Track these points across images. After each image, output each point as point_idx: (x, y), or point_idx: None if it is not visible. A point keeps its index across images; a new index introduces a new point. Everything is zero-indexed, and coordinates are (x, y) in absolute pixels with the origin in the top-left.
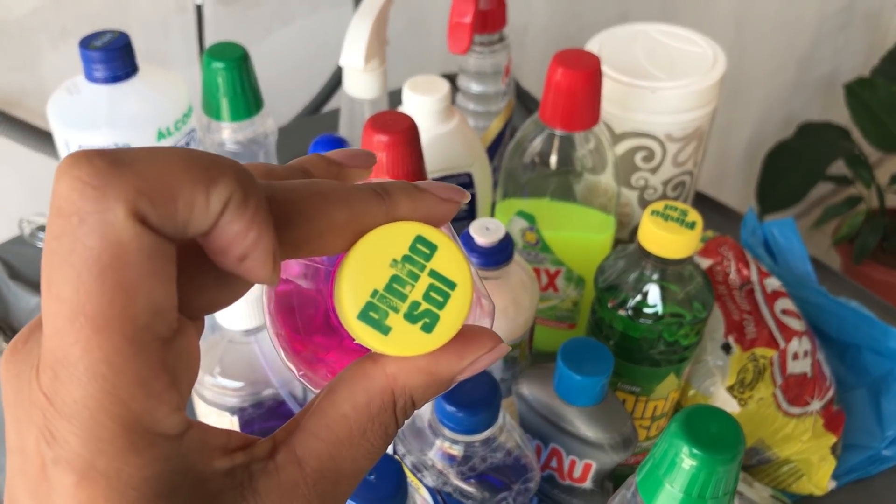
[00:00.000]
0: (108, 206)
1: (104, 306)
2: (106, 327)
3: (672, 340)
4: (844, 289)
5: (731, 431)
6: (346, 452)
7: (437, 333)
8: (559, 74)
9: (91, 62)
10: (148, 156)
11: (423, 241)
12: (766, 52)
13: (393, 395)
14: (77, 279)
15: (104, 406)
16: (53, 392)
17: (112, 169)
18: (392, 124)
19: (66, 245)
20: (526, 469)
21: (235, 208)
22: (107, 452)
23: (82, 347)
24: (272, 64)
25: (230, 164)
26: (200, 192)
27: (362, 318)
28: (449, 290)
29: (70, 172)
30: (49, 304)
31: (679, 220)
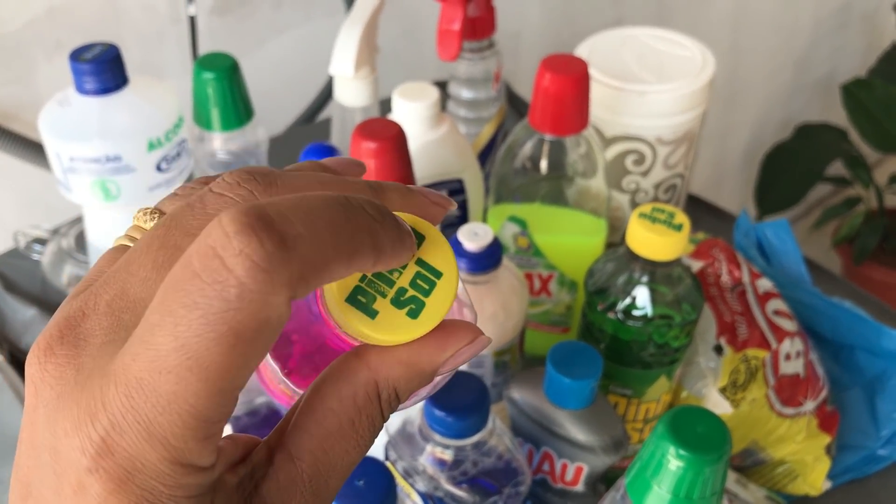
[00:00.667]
0: (274, 291)
1: (223, 369)
2: (213, 383)
3: (662, 342)
4: (840, 290)
5: (717, 432)
6: (337, 445)
7: (423, 319)
8: (547, 79)
9: (81, 74)
10: (308, 229)
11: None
12: (763, 55)
13: (377, 387)
14: (213, 340)
15: (166, 437)
16: (119, 409)
17: (281, 253)
18: (380, 131)
19: (214, 308)
20: (516, 473)
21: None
22: (148, 472)
23: (180, 388)
24: (266, 73)
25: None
26: (344, 269)
27: (350, 301)
28: (435, 279)
29: (239, 247)
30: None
31: (666, 223)
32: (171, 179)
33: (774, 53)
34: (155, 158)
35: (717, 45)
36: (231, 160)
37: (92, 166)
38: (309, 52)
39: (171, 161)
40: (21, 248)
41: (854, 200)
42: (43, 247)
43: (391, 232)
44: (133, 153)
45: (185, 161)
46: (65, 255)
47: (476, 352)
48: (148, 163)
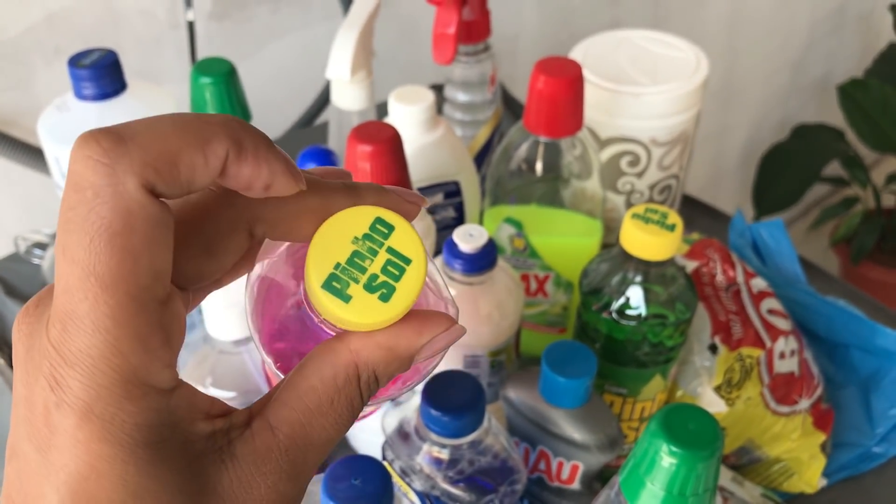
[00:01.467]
0: (118, 179)
1: (112, 268)
2: (112, 286)
3: (656, 342)
4: (835, 289)
5: (709, 428)
6: (315, 421)
7: (394, 303)
8: (541, 82)
9: (80, 80)
10: (147, 128)
11: (382, 222)
12: (760, 56)
13: (357, 369)
14: (90, 244)
15: (105, 356)
16: (61, 342)
17: (118, 146)
18: (375, 135)
19: (80, 214)
20: (512, 471)
21: (235, 158)
22: (104, 398)
23: (90, 303)
24: (264, 78)
25: (220, 120)
26: (198, 154)
27: (326, 287)
28: (404, 265)
29: (81, 152)
30: (63, 267)
31: (660, 223)
32: None
33: (771, 55)
34: None
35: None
36: None
37: None
38: (307, 56)
39: None
40: (21, 253)
41: (851, 200)
42: (43, 251)
43: (253, 135)
44: None
45: None
46: None
47: (452, 340)
48: None
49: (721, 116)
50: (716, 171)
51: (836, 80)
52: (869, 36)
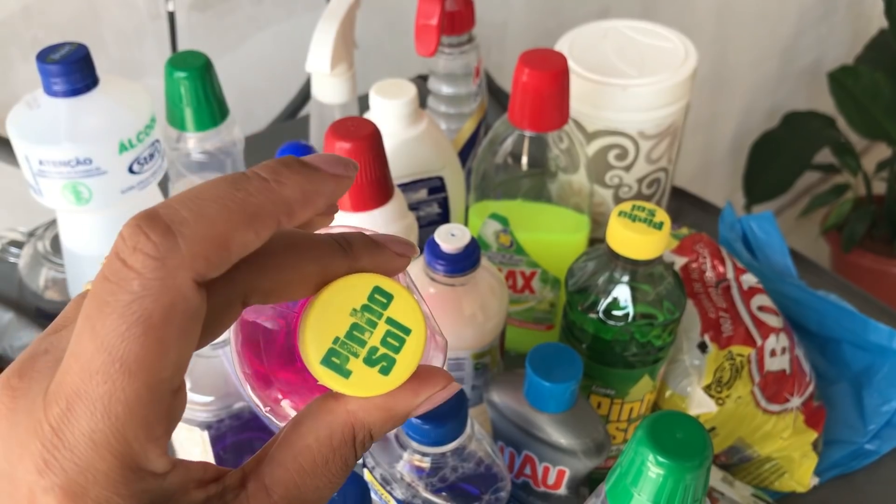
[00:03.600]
0: (168, 274)
1: (141, 358)
2: (136, 375)
3: (644, 341)
4: (826, 282)
5: (697, 437)
6: (309, 481)
7: (394, 376)
8: (525, 75)
9: (49, 76)
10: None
11: (381, 292)
12: (749, 44)
13: (353, 430)
14: (126, 331)
15: (109, 441)
16: (62, 424)
17: (167, 240)
18: (354, 131)
19: (122, 301)
20: (496, 478)
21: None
22: (101, 483)
23: (109, 388)
24: (248, 70)
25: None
26: (249, 233)
27: (325, 363)
28: (404, 336)
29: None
30: (87, 346)
31: (647, 221)
32: (143, 181)
33: (761, 42)
34: (127, 160)
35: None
36: (206, 160)
37: (62, 170)
38: (290, 47)
39: (143, 163)
40: None
41: (842, 188)
42: (19, 250)
43: (294, 179)
44: (104, 155)
45: (157, 162)
46: (41, 258)
47: (448, 396)
48: (120, 165)
49: (711, 105)
50: (706, 160)
51: (827, 67)
52: (860, 22)
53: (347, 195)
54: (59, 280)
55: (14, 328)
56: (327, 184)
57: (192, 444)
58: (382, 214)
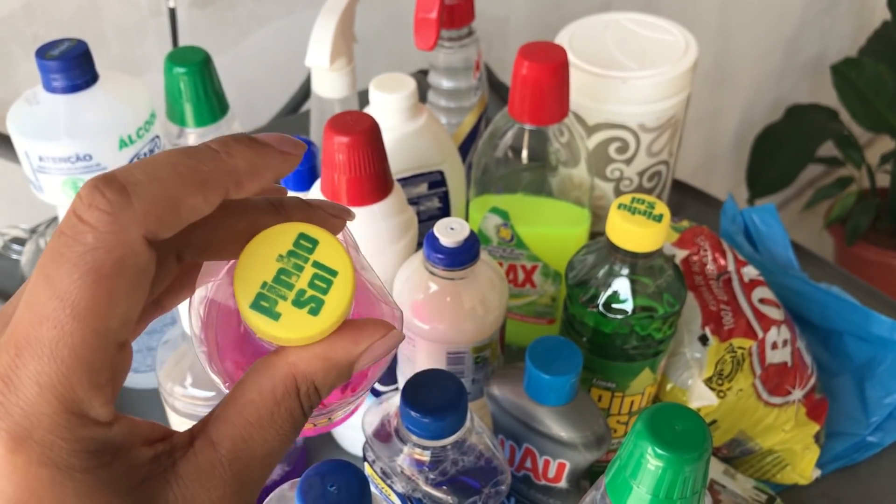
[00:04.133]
0: (121, 228)
1: (91, 305)
2: (84, 321)
3: (645, 334)
4: (829, 274)
5: (696, 429)
6: (256, 434)
7: (324, 316)
8: (525, 68)
9: (48, 72)
10: (148, 178)
11: (306, 238)
12: (752, 37)
13: (295, 381)
14: (79, 279)
15: (53, 385)
16: (10, 368)
17: (121, 198)
18: (353, 125)
19: (76, 252)
20: (496, 471)
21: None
22: (45, 425)
23: (58, 332)
24: (249, 65)
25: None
26: (198, 197)
27: (255, 307)
28: (331, 278)
29: (86, 200)
30: (41, 295)
31: (646, 213)
32: None
33: (764, 35)
34: (126, 156)
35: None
36: None
37: (62, 166)
38: (291, 42)
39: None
40: None
41: (846, 181)
42: (21, 246)
43: (243, 152)
44: (104, 152)
45: None
46: None
47: (390, 346)
48: (119, 161)
49: (714, 98)
50: (709, 154)
51: (830, 59)
52: (863, 14)
53: (346, 189)
54: None
55: None
56: (274, 159)
57: None
58: (381, 209)
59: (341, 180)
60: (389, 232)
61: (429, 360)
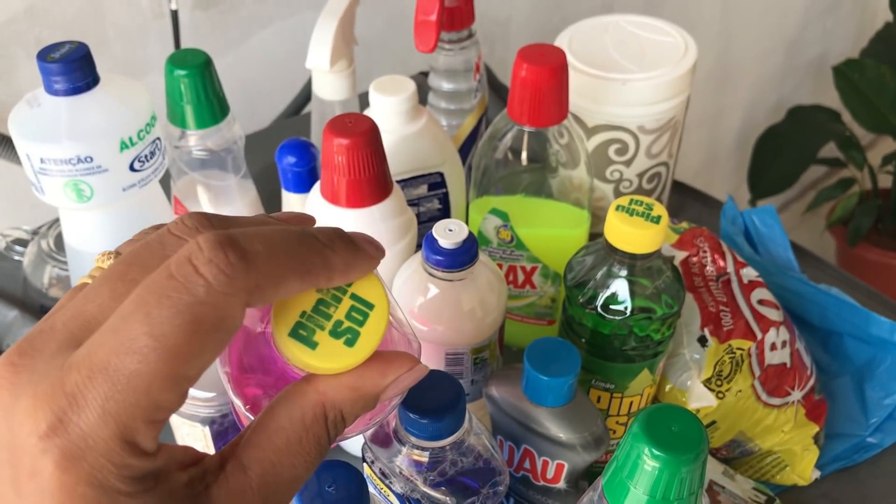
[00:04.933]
0: (231, 293)
1: (182, 352)
2: (170, 364)
3: (643, 335)
4: (829, 276)
5: (693, 430)
6: (285, 459)
7: (359, 347)
8: (524, 70)
9: (49, 74)
10: (268, 249)
11: None
12: (754, 37)
13: (324, 409)
14: (180, 326)
15: (118, 413)
16: (79, 388)
17: (241, 263)
18: (352, 127)
19: (184, 301)
20: (495, 472)
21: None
22: (98, 449)
23: (142, 367)
24: (251, 67)
25: (320, 252)
26: (298, 283)
27: (293, 335)
28: (368, 311)
29: (209, 257)
30: (134, 326)
31: (644, 215)
32: (144, 179)
33: (766, 35)
34: (128, 158)
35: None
36: (207, 157)
37: (63, 168)
38: (294, 44)
39: (144, 160)
40: (1, 250)
41: (848, 182)
42: (24, 248)
43: (343, 251)
44: (105, 154)
45: (158, 160)
46: (45, 256)
47: (416, 379)
48: (121, 163)
49: (715, 99)
50: (711, 155)
51: (832, 60)
52: (865, 15)
53: (345, 191)
54: (63, 278)
55: (18, 326)
56: (363, 261)
57: (194, 440)
58: (381, 210)
59: (341, 182)
60: (389, 233)
61: (427, 361)
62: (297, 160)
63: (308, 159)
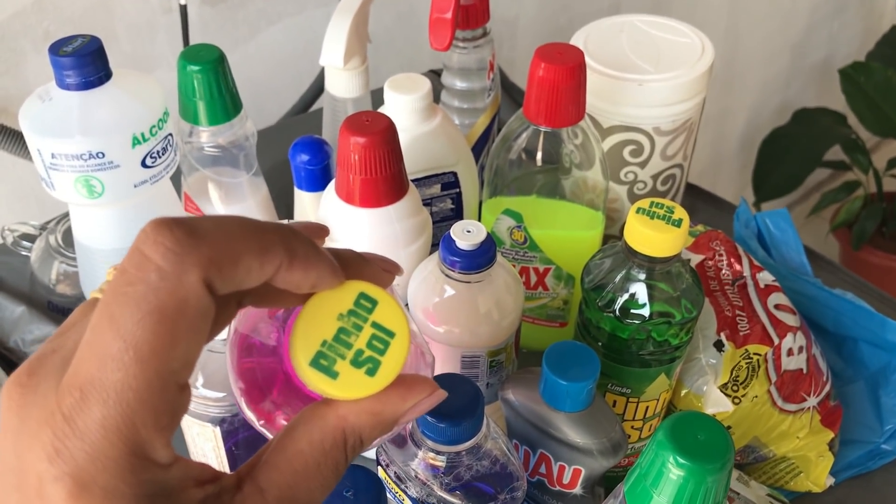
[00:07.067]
0: (185, 269)
1: (154, 347)
2: (147, 364)
3: (661, 340)
4: (841, 279)
5: (719, 439)
6: (302, 483)
7: (380, 376)
8: (542, 69)
9: (61, 68)
10: (216, 227)
11: (366, 297)
12: (760, 39)
13: (344, 434)
14: (141, 320)
15: (119, 428)
16: (75, 411)
17: (190, 239)
18: (369, 125)
19: (139, 291)
20: (512, 478)
21: (288, 267)
22: (109, 469)
23: (123, 374)
24: (260, 64)
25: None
26: (256, 260)
27: (314, 365)
28: (389, 339)
29: (153, 237)
30: (104, 336)
31: (665, 218)
32: (156, 175)
33: (771, 38)
34: (140, 154)
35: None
36: (219, 154)
37: (74, 163)
38: (302, 41)
39: (156, 157)
40: (8, 245)
41: (853, 185)
42: (31, 243)
43: (303, 242)
44: (117, 149)
45: (170, 156)
46: (53, 251)
47: (435, 403)
48: (133, 159)
49: (721, 101)
50: (715, 157)
51: (838, 63)
52: (871, 18)
53: (360, 190)
54: (70, 273)
55: (26, 321)
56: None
57: (205, 440)
58: (397, 210)
59: (356, 181)
60: (404, 234)
61: (443, 363)
62: (310, 158)
63: (322, 157)
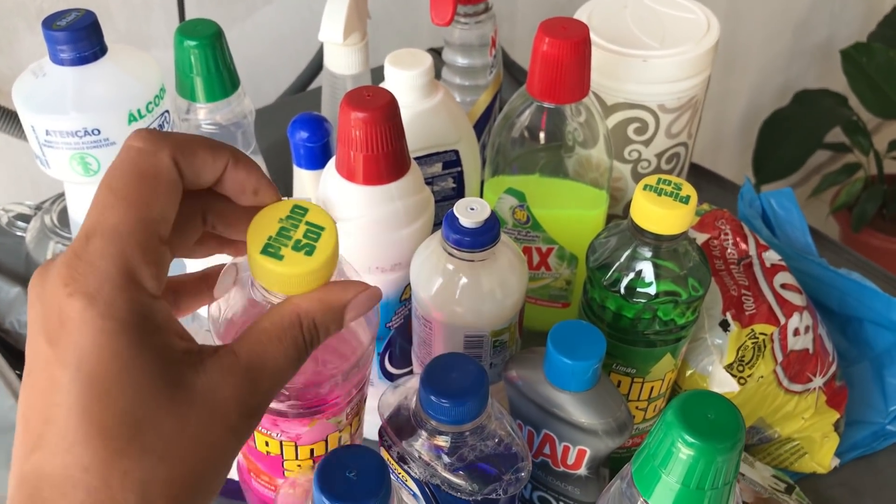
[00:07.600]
0: (157, 149)
1: (137, 197)
2: (134, 207)
3: (668, 319)
4: (845, 259)
5: (730, 418)
6: (268, 350)
7: (317, 255)
8: (546, 44)
9: (55, 43)
10: (178, 134)
11: (299, 207)
12: (762, 20)
13: (298, 315)
14: (129, 179)
15: (115, 255)
16: (83, 249)
17: (161, 134)
18: (370, 100)
19: (126, 162)
20: (517, 458)
21: (233, 166)
22: (108, 284)
23: (117, 217)
24: (256, 42)
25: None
26: (209, 155)
27: (263, 252)
28: (320, 231)
29: (136, 134)
30: (102, 195)
31: (673, 195)
32: None
33: (773, 18)
34: None
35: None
36: (217, 132)
37: (70, 140)
38: (300, 18)
39: None
40: (3, 225)
41: (853, 167)
42: (26, 223)
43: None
44: (112, 126)
45: None
46: (48, 231)
47: (374, 298)
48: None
49: (722, 81)
50: (716, 137)
51: (840, 44)
52: None
53: (362, 168)
54: None
55: (21, 302)
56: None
57: None
58: (398, 188)
59: (357, 157)
60: (406, 212)
61: (446, 343)
62: (309, 135)
63: (321, 135)
